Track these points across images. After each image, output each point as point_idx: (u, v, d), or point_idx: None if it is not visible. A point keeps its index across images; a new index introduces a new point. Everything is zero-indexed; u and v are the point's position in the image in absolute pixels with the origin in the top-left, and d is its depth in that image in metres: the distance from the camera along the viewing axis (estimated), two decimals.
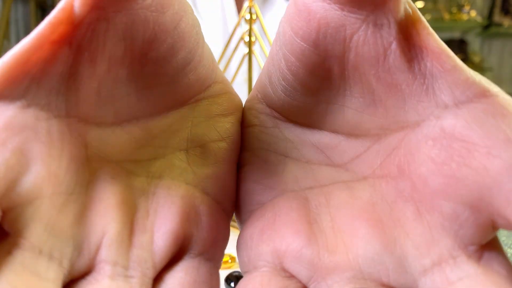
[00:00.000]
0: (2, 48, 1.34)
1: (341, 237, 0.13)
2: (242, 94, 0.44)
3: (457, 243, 0.11)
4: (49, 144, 0.12)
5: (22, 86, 0.12)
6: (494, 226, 0.11)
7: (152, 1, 0.13)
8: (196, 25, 0.15)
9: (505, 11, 2.04)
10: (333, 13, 0.12)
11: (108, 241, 0.12)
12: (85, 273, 0.12)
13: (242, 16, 0.35)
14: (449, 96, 0.12)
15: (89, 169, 0.13)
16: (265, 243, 0.14)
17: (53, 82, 0.12)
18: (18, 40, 1.69)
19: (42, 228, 0.11)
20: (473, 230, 0.11)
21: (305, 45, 0.13)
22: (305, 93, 0.15)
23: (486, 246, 0.11)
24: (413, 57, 0.12)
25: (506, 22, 2.04)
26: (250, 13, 0.34)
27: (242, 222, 0.16)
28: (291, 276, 0.13)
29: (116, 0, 0.12)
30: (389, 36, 0.12)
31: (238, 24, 0.36)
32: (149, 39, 0.13)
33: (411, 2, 0.12)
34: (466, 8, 2.03)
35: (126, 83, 0.14)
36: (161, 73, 0.14)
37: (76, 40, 0.12)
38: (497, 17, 2.05)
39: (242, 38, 0.36)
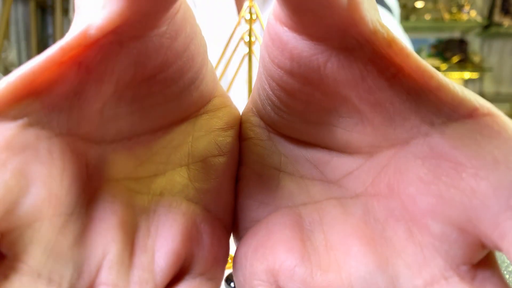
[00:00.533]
0: (2, 48, 1.34)
1: (334, 255, 0.13)
2: (242, 95, 0.44)
3: (448, 263, 0.11)
4: (50, 164, 0.12)
5: (25, 105, 0.11)
6: (483, 246, 0.11)
7: (167, 28, 0.13)
8: (203, 45, 0.15)
9: (505, 11, 2.04)
10: (303, 43, 0.12)
11: (108, 263, 0.12)
12: None
13: (242, 16, 0.35)
14: (435, 114, 0.11)
15: (89, 189, 0.13)
16: (259, 262, 0.14)
17: (57, 101, 0.12)
18: (18, 40, 1.69)
19: (41, 251, 0.11)
20: (463, 251, 0.11)
21: (282, 72, 0.13)
22: (291, 114, 0.15)
23: (480, 264, 0.11)
24: (392, 76, 0.12)
25: (506, 22, 2.04)
26: (250, 13, 0.34)
27: (238, 240, 0.16)
28: None
29: (133, 28, 0.12)
30: (363, 58, 0.12)
31: (238, 24, 0.36)
32: (160, 64, 0.13)
33: (384, 24, 0.11)
34: (466, 8, 2.03)
35: (131, 103, 0.14)
36: (168, 93, 0.14)
37: (86, 61, 0.12)
38: (497, 17, 2.05)
39: (242, 38, 0.35)
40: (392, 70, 0.12)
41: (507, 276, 0.30)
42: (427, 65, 0.11)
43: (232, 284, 0.26)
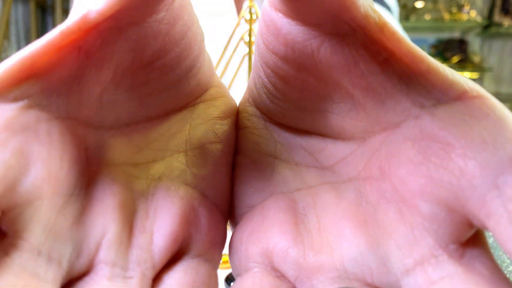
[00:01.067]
0: (2, 48, 1.34)
1: (327, 237, 0.13)
2: (242, 94, 0.44)
3: (438, 242, 0.11)
4: (50, 145, 0.12)
5: (25, 87, 0.12)
6: (471, 225, 0.11)
7: (165, 15, 0.13)
8: (200, 34, 0.15)
9: (505, 11, 2.04)
10: (297, 29, 0.13)
11: (107, 242, 0.12)
12: (84, 274, 0.12)
13: (242, 16, 0.35)
14: (426, 97, 0.12)
15: (88, 172, 0.13)
16: (254, 245, 0.14)
17: (57, 85, 0.12)
18: (18, 40, 1.68)
19: (41, 229, 0.11)
20: (451, 230, 0.11)
21: (276, 58, 0.14)
22: (286, 101, 0.15)
23: (469, 243, 0.11)
24: (384, 60, 0.12)
25: (506, 22, 2.03)
26: (250, 13, 0.34)
27: (234, 225, 0.16)
28: (282, 276, 0.13)
29: (132, 13, 0.12)
30: (355, 43, 0.12)
31: (238, 24, 0.36)
32: (158, 50, 0.13)
33: (376, 10, 0.12)
34: (466, 8, 2.03)
35: (129, 89, 0.14)
36: (165, 80, 0.15)
37: (86, 45, 0.12)
38: (497, 17, 2.05)
39: (242, 38, 0.35)
40: (384, 55, 0.12)
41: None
42: (418, 49, 0.12)
43: (232, 284, 0.26)
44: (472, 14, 2.03)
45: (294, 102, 0.15)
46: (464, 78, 0.12)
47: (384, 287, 0.12)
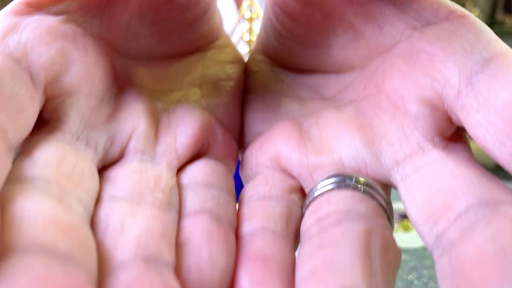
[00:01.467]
0: None
1: (327, 142, 0.15)
2: None
3: (424, 136, 0.13)
4: (85, 53, 0.14)
5: (65, 4, 0.13)
6: (451, 121, 0.13)
7: None
8: None
9: (508, 10, 2.03)
10: None
11: (137, 135, 0.14)
12: (116, 161, 0.14)
13: (242, 15, 0.34)
14: (418, 18, 0.14)
15: (117, 85, 0.15)
16: (263, 154, 0.16)
17: (91, 5, 0.14)
18: None
19: (79, 119, 0.13)
20: (435, 124, 0.13)
21: None
22: (293, 39, 0.17)
23: (452, 139, 0.13)
24: None
25: (508, 20, 2.03)
26: (251, 12, 0.34)
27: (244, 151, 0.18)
28: (290, 175, 0.15)
29: None
30: None
31: (238, 23, 0.35)
32: None
33: None
34: (469, 6, 2.03)
35: (152, 24, 0.16)
36: (183, 19, 0.16)
37: None
38: (500, 16, 2.04)
39: (242, 38, 0.35)
40: None
41: None
42: None
43: None
44: (474, 13, 2.02)
45: (300, 40, 0.17)
46: (450, 1, 0.13)
47: (376, 176, 0.14)
